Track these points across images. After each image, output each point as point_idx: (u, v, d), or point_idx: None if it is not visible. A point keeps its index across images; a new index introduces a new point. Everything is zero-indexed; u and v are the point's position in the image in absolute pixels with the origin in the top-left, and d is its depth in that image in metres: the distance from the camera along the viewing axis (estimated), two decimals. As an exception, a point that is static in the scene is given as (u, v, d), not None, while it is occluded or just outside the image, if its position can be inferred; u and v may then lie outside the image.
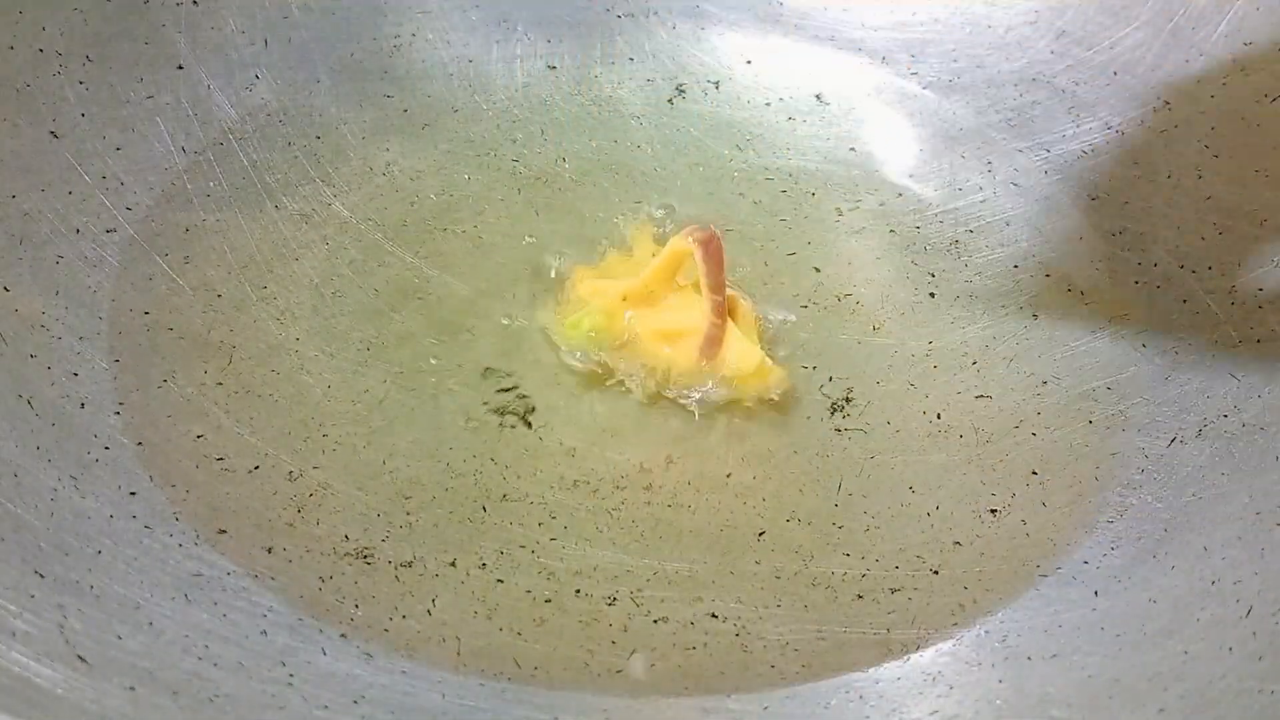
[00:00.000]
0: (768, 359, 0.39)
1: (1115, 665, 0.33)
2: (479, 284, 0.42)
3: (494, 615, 0.34)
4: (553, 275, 0.43)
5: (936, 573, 0.36)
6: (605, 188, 0.46)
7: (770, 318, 0.42)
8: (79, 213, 0.42)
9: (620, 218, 0.45)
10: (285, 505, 0.36)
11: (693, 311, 0.39)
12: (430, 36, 0.52)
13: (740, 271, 0.43)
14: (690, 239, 0.38)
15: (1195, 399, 0.40)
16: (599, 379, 0.40)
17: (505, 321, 0.41)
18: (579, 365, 0.40)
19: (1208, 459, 0.38)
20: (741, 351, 0.39)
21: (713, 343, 0.39)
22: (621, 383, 0.39)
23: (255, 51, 0.49)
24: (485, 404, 0.39)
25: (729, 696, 0.33)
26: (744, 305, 0.41)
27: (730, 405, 0.39)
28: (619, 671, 0.33)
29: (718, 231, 0.38)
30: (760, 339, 0.40)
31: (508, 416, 0.39)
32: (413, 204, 0.45)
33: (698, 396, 0.39)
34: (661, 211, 0.45)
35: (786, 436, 0.39)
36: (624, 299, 0.40)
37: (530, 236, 0.44)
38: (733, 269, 0.43)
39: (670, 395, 0.39)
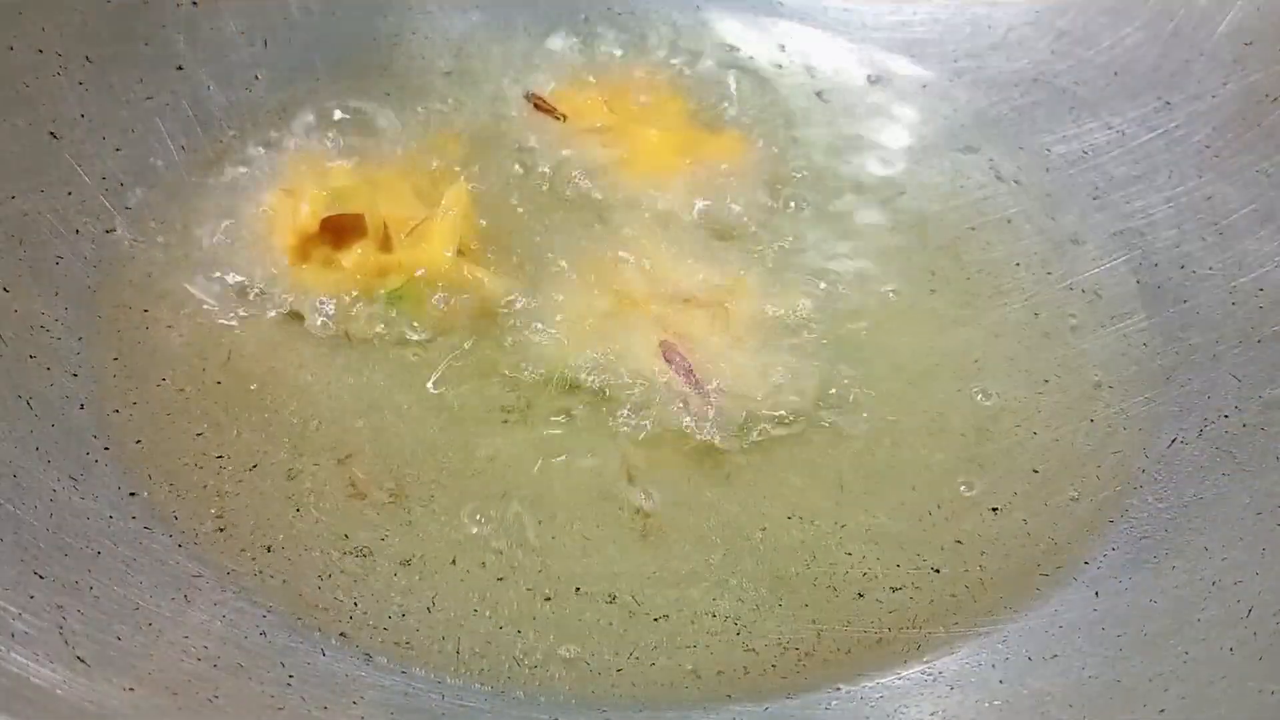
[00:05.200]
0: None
1: (1115, 665, 0.33)
2: (482, 279, 0.42)
3: (494, 614, 0.34)
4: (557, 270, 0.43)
5: (938, 571, 0.36)
6: (607, 183, 0.46)
7: (772, 315, 0.42)
8: (79, 213, 0.42)
9: (620, 212, 0.45)
10: (284, 503, 0.36)
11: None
12: (430, 36, 0.52)
13: (741, 271, 0.43)
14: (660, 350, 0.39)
15: (1195, 399, 0.40)
16: (601, 379, 0.40)
17: (506, 319, 0.41)
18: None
19: (1208, 459, 0.38)
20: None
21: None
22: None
23: (255, 52, 0.49)
24: (486, 403, 0.39)
25: (729, 696, 0.33)
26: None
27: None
28: (619, 670, 0.33)
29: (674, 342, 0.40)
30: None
31: (509, 415, 0.39)
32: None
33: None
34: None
35: (787, 434, 0.39)
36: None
37: (534, 234, 0.44)
38: (732, 267, 0.43)
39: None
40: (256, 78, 0.49)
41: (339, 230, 0.41)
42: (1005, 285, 0.44)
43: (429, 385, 0.39)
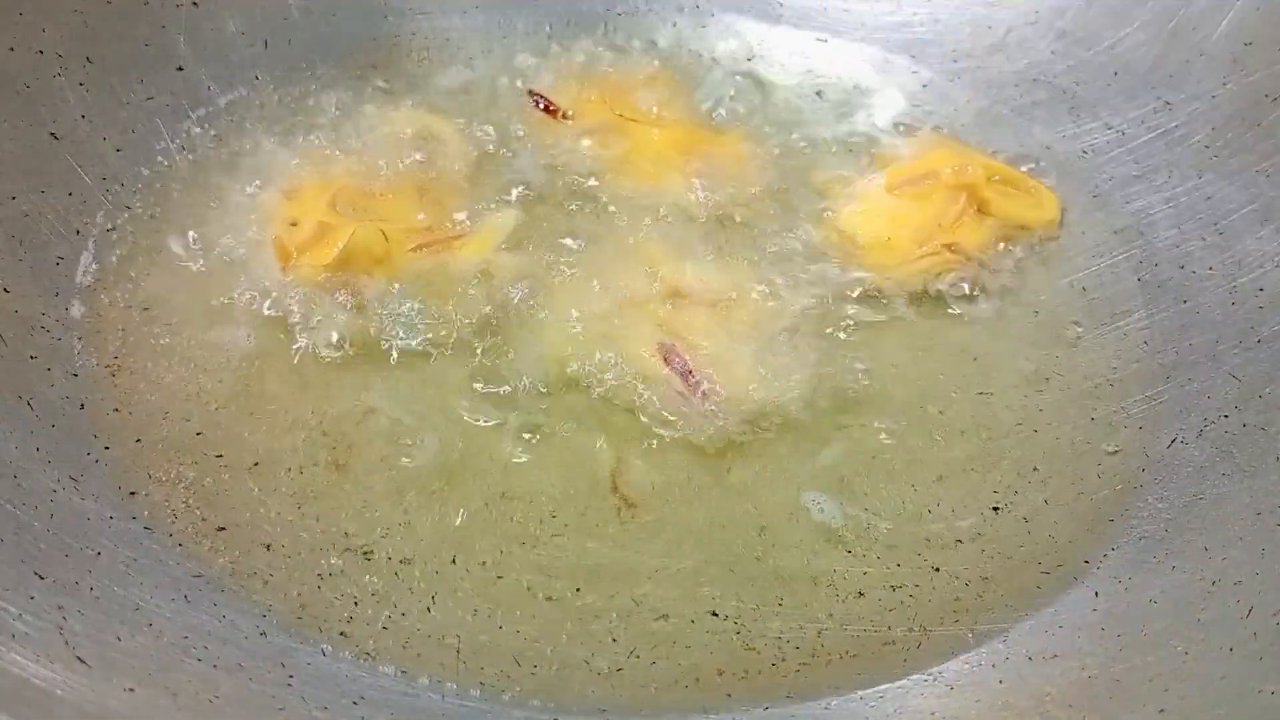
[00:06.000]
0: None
1: (1115, 665, 0.33)
2: (481, 278, 0.42)
3: (494, 613, 0.34)
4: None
5: (938, 570, 0.36)
6: (609, 183, 0.46)
7: (772, 315, 0.42)
8: (79, 213, 0.42)
9: (621, 212, 0.45)
10: (284, 502, 0.36)
11: None
12: (430, 36, 0.52)
13: (741, 271, 0.43)
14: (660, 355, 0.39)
15: (1195, 399, 0.40)
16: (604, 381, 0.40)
17: (506, 318, 0.41)
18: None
19: (1208, 459, 0.38)
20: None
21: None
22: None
23: (255, 53, 0.49)
24: (486, 402, 0.39)
25: (729, 696, 0.33)
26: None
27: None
28: (619, 670, 0.33)
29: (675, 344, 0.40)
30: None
31: (510, 415, 0.39)
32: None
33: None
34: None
35: (786, 434, 0.39)
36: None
37: (535, 233, 0.44)
38: (733, 267, 0.43)
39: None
40: (256, 78, 0.49)
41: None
42: (1007, 284, 0.44)
43: (429, 384, 0.39)
